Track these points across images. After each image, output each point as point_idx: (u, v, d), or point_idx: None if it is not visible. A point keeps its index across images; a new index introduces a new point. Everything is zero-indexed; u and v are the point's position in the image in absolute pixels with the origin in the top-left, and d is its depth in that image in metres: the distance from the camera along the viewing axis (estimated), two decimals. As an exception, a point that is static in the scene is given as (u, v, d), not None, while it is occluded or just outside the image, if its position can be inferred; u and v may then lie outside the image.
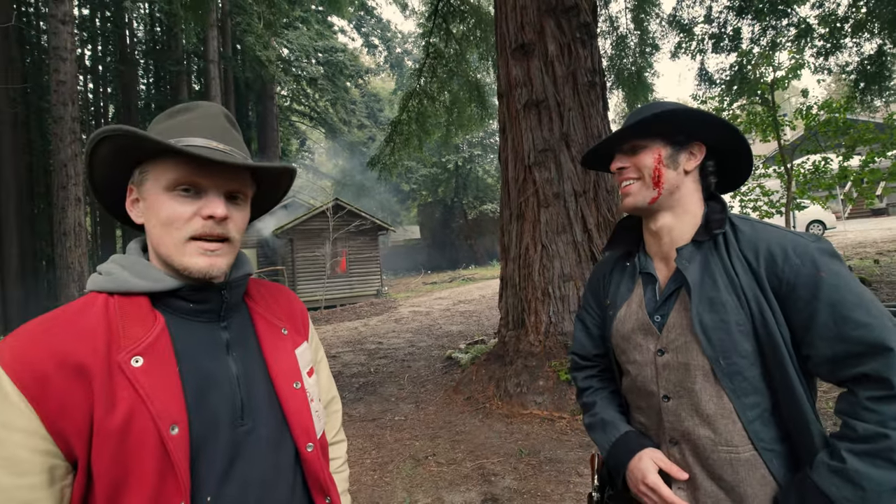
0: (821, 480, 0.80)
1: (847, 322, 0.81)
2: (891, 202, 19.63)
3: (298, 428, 0.83)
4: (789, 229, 0.95)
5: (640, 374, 1.03)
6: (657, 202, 1.00)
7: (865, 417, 0.79)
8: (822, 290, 0.84)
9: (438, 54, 9.48)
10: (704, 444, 0.93)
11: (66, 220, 11.39)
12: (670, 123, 0.98)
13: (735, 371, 0.90)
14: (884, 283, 6.90)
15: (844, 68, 9.34)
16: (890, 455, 0.75)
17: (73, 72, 11.67)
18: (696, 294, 0.93)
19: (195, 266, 0.74)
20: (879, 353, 0.79)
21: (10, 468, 0.60)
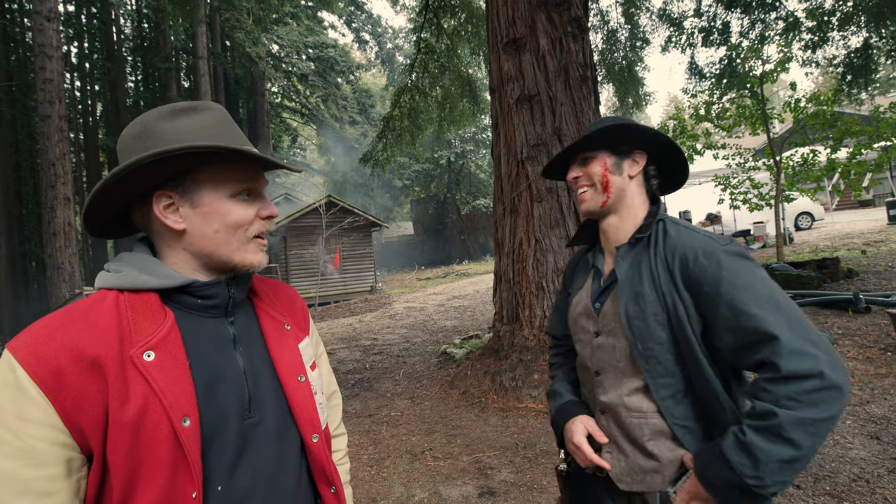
0: (726, 448, 0.92)
1: (741, 314, 0.92)
2: (877, 193, 19.88)
3: (304, 420, 0.86)
4: (709, 234, 1.07)
5: (583, 352, 1.21)
6: (607, 205, 1.15)
7: (762, 397, 0.90)
8: (722, 287, 0.95)
9: (430, 49, 9.45)
10: (621, 413, 1.10)
11: (55, 219, 11.26)
12: (612, 136, 1.13)
13: (650, 355, 1.04)
14: (870, 274, 7.00)
15: (832, 61, 9.43)
16: (779, 431, 0.85)
17: (59, 69, 11.51)
18: (624, 287, 1.09)
19: (256, 261, 0.83)
20: (767, 340, 0.89)
21: (29, 460, 0.61)
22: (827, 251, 9.84)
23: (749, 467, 0.87)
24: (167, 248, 0.81)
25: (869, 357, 4.12)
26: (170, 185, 0.77)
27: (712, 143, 9.18)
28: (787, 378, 0.87)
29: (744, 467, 0.88)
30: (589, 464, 1.13)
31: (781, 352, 0.88)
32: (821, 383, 0.85)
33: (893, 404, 3.29)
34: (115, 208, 0.80)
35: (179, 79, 22.85)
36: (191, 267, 0.81)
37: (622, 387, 1.10)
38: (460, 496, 3.02)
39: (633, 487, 1.09)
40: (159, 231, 0.80)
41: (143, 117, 0.78)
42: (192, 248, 0.80)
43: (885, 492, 2.40)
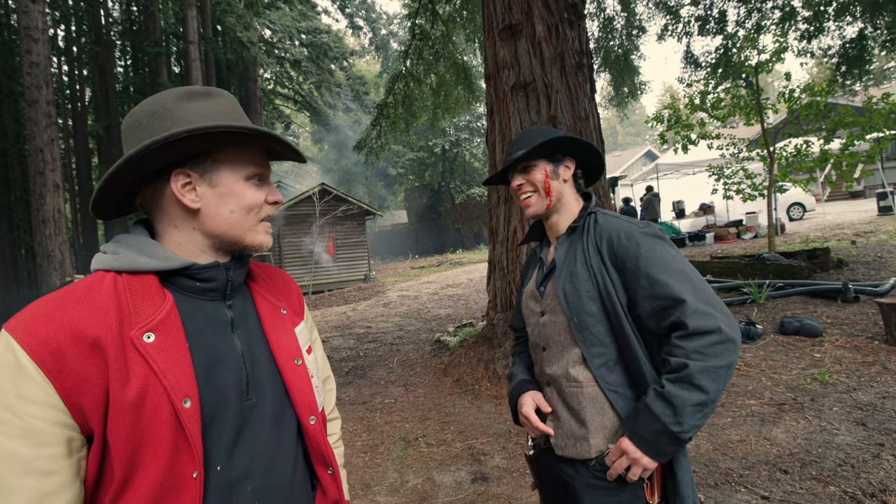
0: (649, 401, 1.06)
1: (655, 283, 1.09)
2: (868, 185, 20.05)
3: (301, 402, 0.87)
4: (630, 220, 1.23)
5: (532, 333, 1.35)
6: (550, 207, 1.31)
7: (675, 353, 1.06)
8: (640, 262, 1.12)
9: (424, 36, 9.33)
10: (561, 383, 1.23)
11: (44, 207, 11.11)
12: (551, 147, 1.28)
13: (584, 327, 1.18)
14: (860, 264, 7.09)
15: (826, 52, 9.44)
16: (690, 379, 1.02)
17: (46, 53, 11.26)
18: (560, 268, 1.24)
19: (264, 242, 0.87)
20: (677, 303, 1.06)
21: (30, 439, 0.62)
22: (817, 241, 9.93)
23: (669, 415, 1.02)
24: (174, 229, 0.81)
25: (856, 346, 4.19)
26: (189, 163, 0.78)
27: (707, 133, 9.19)
28: (693, 334, 1.04)
29: (665, 415, 1.02)
30: (536, 433, 1.27)
31: (687, 312, 1.05)
32: (720, 337, 1.03)
33: (879, 392, 3.35)
34: (127, 185, 0.80)
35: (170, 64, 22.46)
36: (196, 247, 0.82)
37: (563, 359, 1.24)
38: (453, 481, 3.06)
39: (565, 453, 1.21)
40: (169, 210, 0.80)
41: (159, 97, 0.79)
42: (204, 228, 0.81)
43: (870, 476, 2.45)
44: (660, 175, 16.57)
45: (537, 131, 1.33)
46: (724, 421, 3.28)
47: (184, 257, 0.80)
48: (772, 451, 2.83)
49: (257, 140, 0.81)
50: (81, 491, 0.66)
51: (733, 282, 6.49)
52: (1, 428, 0.61)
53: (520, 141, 1.34)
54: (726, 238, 12.96)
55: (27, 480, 0.60)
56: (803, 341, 4.48)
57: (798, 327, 4.63)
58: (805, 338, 4.53)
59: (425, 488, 3.02)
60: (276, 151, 0.89)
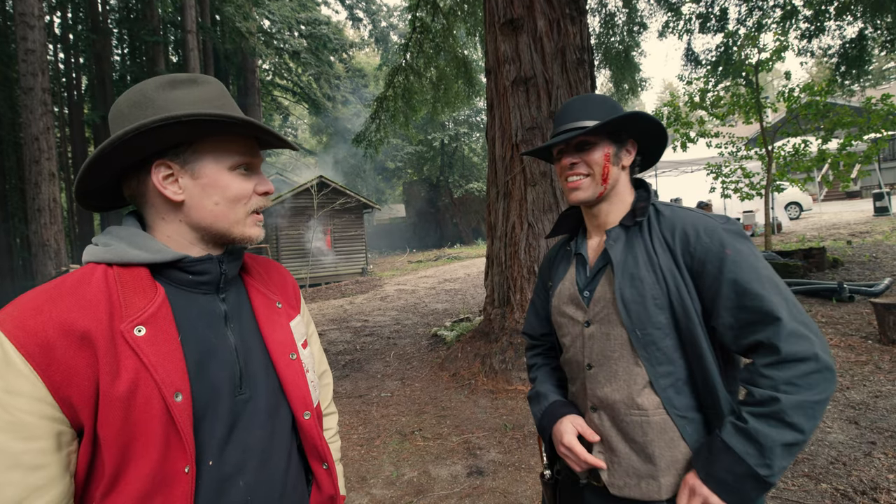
0: (728, 437, 0.90)
1: (746, 294, 0.91)
2: (865, 185, 20.13)
3: (296, 397, 0.86)
4: (703, 212, 1.05)
5: (573, 346, 1.13)
6: (602, 195, 1.10)
7: (761, 383, 0.90)
8: (726, 266, 0.94)
9: (425, 29, 9.28)
10: (619, 409, 1.02)
11: (39, 195, 11.03)
12: (619, 125, 1.06)
13: (650, 341, 0.99)
14: (855, 264, 7.12)
15: (826, 51, 9.43)
16: (781, 416, 0.85)
17: (41, 40, 11.14)
18: (619, 270, 1.03)
19: (254, 235, 0.84)
20: (770, 321, 0.89)
21: (18, 433, 0.61)
22: (814, 241, 9.98)
23: (755, 455, 0.86)
24: (161, 221, 0.79)
25: (850, 345, 4.22)
26: (170, 154, 0.76)
27: (706, 131, 9.20)
28: (786, 361, 0.87)
29: (749, 456, 0.87)
30: (582, 466, 1.06)
31: (781, 333, 0.88)
32: (816, 365, 0.86)
33: (872, 390, 3.38)
34: (108, 177, 0.78)
35: (167, 53, 22.27)
36: (186, 240, 0.80)
37: (619, 380, 1.03)
38: (449, 475, 3.07)
39: (625, 493, 1.01)
40: (154, 202, 0.79)
41: (141, 86, 0.76)
42: (190, 221, 0.79)
43: (861, 474, 2.48)
44: (658, 172, 16.58)
45: (599, 101, 1.10)
46: (719, 418, 3.31)
47: (175, 250, 0.78)
48: (765, 449, 2.85)
49: (235, 128, 0.77)
50: (71, 485, 0.66)
51: (729, 280, 6.52)
52: None
53: (576, 109, 1.10)
54: (723, 236, 12.97)
55: (15, 475, 0.60)
56: (798, 340, 4.51)
57: (793, 326, 4.66)
58: (800, 337, 4.56)
59: (421, 481, 3.03)
60: (266, 140, 0.86)
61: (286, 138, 0.83)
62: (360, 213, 17.89)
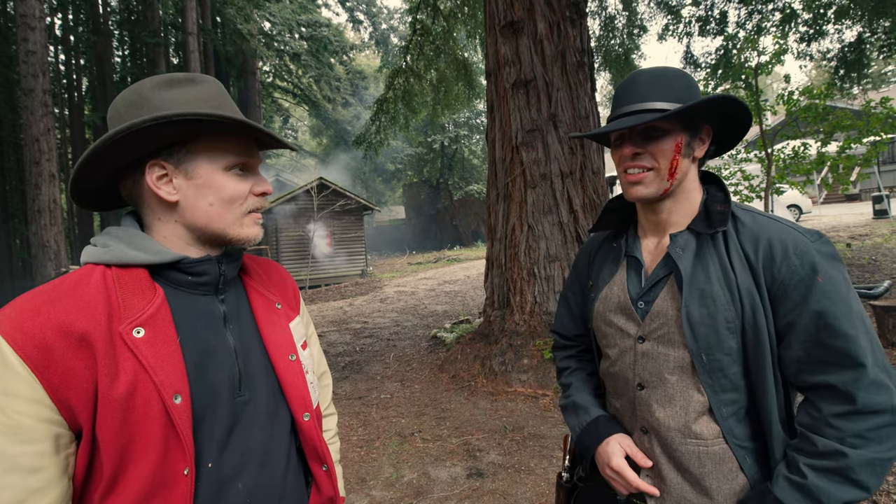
0: (782, 494, 0.81)
1: (830, 330, 0.80)
2: (864, 188, 20.15)
3: (295, 398, 0.86)
4: (792, 223, 0.90)
5: (620, 360, 1.01)
6: (668, 192, 0.94)
7: (826, 433, 0.80)
8: (813, 295, 0.82)
9: (425, 31, 9.30)
10: (673, 437, 0.92)
11: (40, 197, 11.03)
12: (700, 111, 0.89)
13: (716, 368, 0.88)
14: (854, 267, 7.13)
15: (825, 55, 9.46)
16: (847, 473, 0.77)
17: (42, 41, 11.17)
18: (687, 285, 0.89)
19: (252, 234, 0.82)
20: (852, 366, 0.79)
21: (16, 436, 0.60)
22: (813, 244, 9.97)
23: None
24: (157, 222, 0.79)
25: (850, 347, 4.22)
26: (164, 154, 0.75)
27: (705, 134, 9.21)
28: (860, 412, 0.78)
29: None
30: (631, 490, 0.97)
31: (863, 382, 0.78)
32: (891, 419, 0.78)
33: (872, 393, 3.38)
34: (103, 177, 0.78)
35: (168, 55, 22.30)
36: (183, 241, 0.79)
37: (676, 405, 0.92)
38: (449, 477, 3.07)
39: None
40: (150, 203, 0.78)
41: (138, 86, 0.76)
42: (185, 221, 0.78)
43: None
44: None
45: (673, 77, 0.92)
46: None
47: (174, 251, 0.78)
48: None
49: (230, 128, 0.76)
50: (69, 488, 0.65)
51: (729, 282, 6.52)
52: None
53: (645, 86, 0.91)
54: (723, 239, 12.99)
55: (12, 478, 0.59)
56: (797, 342, 4.51)
57: (793, 329, 4.66)
58: (799, 339, 4.57)
59: (421, 483, 3.03)
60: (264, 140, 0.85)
61: (283, 138, 0.82)
62: (360, 215, 17.89)
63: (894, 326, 4.05)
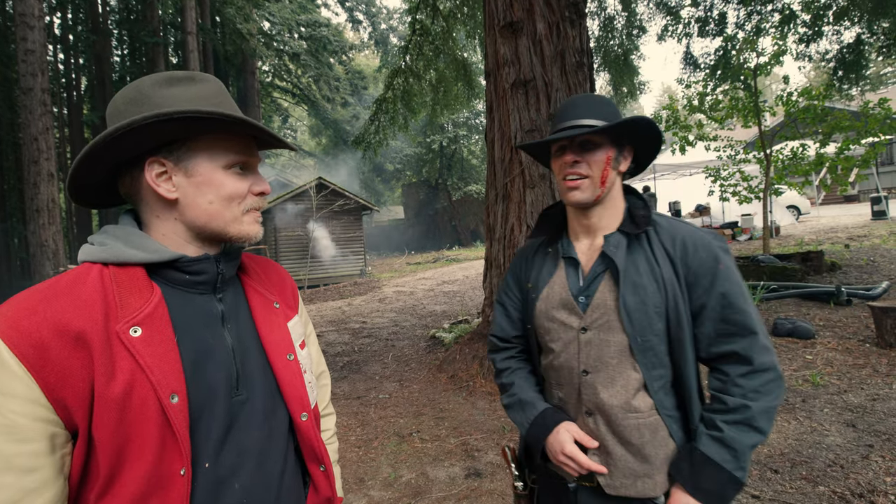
0: (705, 448, 0.98)
1: (731, 307, 1.00)
2: (862, 189, 20.18)
3: (293, 398, 0.85)
4: (695, 227, 1.10)
5: (564, 352, 1.11)
6: (599, 199, 1.09)
7: (733, 392, 0.99)
8: (718, 280, 1.02)
9: (425, 31, 9.30)
10: (616, 413, 1.05)
11: (38, 196, 11.02)
12: (628, 129, 1.07)
13: (648, 347, 1.03)
14: (852, 268, 7.14)
15: (824, 56, 9.47)
16: (751, 422, 0.96)
17: (41, 40, 11.15)
18: (623, 278, 1.04)
19: (252, 233, 0.83)
20: (748, 335, 0.99)
21: (11, 435, 0.60)
22: (812, 244, 10.00)
23: (731, 461, 0.96)
24: (156, 220, 0.78)
25: (848, 348, 4.22)
26: (163, 151, 0.75)
27: (704, 135, 9.23)
28: (756, 371, 0.98)
29: (727, 462, 0.96)
30: (583, 472, 1.07)
31: (756, 346, 0.99)
32: (775, 374, 0.99)
33: (870, 394, 3.38)
34: (102, 173, 0.78)
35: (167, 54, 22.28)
36: (181, 239, 0.79)
37: (617, 385, 1.05)
38: (447, 477, 3.07)
39: (621, 492, 1.05)
40: (149, 201, 0.78)
41: (138, 83, 0.76)
42: (184, 219, 0.78)
43: (859, 477, 2.48)
44: (657, 176, 16.62)
45: (604, 102, 1.10)
46: (716, 421, 3.31)
47: (172, 249, 0.77)
48: (763, 451, 2.85)
49: (230, 126, 0.76)
50: (65, 488, 0.65)
51: (728, 283, 6.53)
52: None
53: (581, 107, 1.09)
54: (721, 239, 13.01)
55: (8, 477, 0.59)
56: (796, 343, 4.51)
57: (791, 329, 4.67)
58: (797, 339, 4.57)
59: (419, 483, 3.03)
60: (263, 140, 0.85)
61: (282, 138, 0.82)
62: (359, 215, 17.89)
63: (892, 327, 4.06)
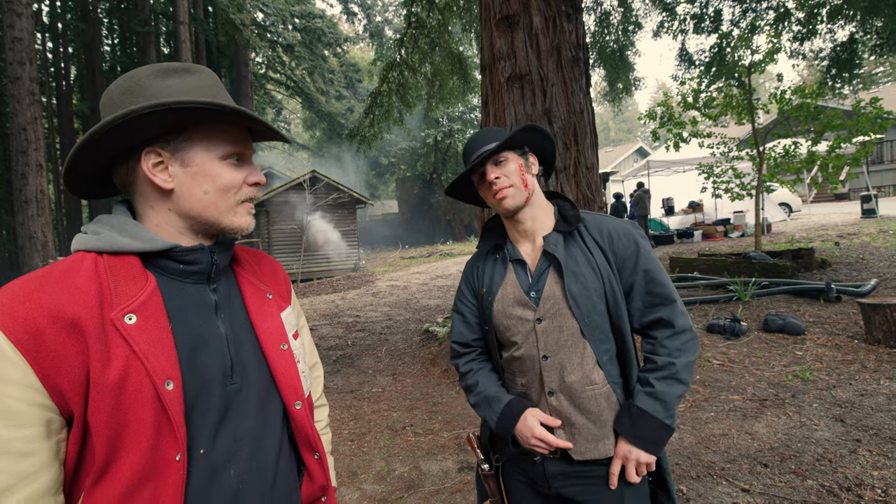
0: (640, 402, 1.16)
1: (653, 282, 1.20)
2: (853, 188, 20.39)
3: (287, 387, 0.86)
4: (614, 217, 1.28)
5: (525, 342, 1.24)
6: (528, 201, 1.25)
7: (660, 352, 1.19)
8: (640, 261, 1.20)
9: (420, 24, 9.23)
10: (576, 387, 1.19)
11: (27, 187, 10.86)
12: (523, 139, 1.25)
13: (595, 326, 1.19)
14: (842, 265, 7.22)
15: (818, 54, 9.52)
16: (676, 375, 1.15)
17: (29, 28, 10.94)
18: (566, 270, 1.19)
19: (245, 224, 0.83)
20: (670, 303, 1.19)
21: (7, 420, 0.60)
22: (802, 242, 10.10)
23: (662, 411, 1.14)
24: (150, 210, 0.79)
25: (837, 344, 4.27)
26: (160, 142, 0.75)
27: (698, 132, 9.26)
28: (677, 333, 1.18)
29: (659, 413, 1.14)
30: (552, 449, 1.19)
31: (676, 312, 1.19)
32: (692, 334, 1.20)
33: (858, 389, 3.43)
34: (98, 163, 0.77)
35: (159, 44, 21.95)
36: (175, 229, 0.79)
37: (574, 363, 1.20)
38: (440, 470, 3.07)
39: (587, 456, 1.19)
40: (144, 191, 0.78)
41: (133, 73, 0.76)
42: (179, 210, 0.78)
43: (846, 470, 2.52)
44: (651, 172, 16.68)
45: (496, 130, 1.29)
46: (708, 415, 3.34)
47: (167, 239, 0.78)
48: (753, 445, 2.88)
49: (227, 117, 0.77)
50: (61, 472, 0.65)
51: (720, 279, 6.58)
52: None
53: (480, 138, 1.27)
54: (714, 236, 13.12)
55: (4, 462, 0.59)
56: (786, 339, 4.56)
57: (781, 325, 4.71)
58: (788, 335, 4.62)
59: (412, 476, 3.03)
60: (258, 131, 0.85)
61: (277, 129, 0.83)
62: (353, 209, 17.82)
63: (880, 323, 4.11)
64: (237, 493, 0.76)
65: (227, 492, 0.75)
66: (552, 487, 1.24)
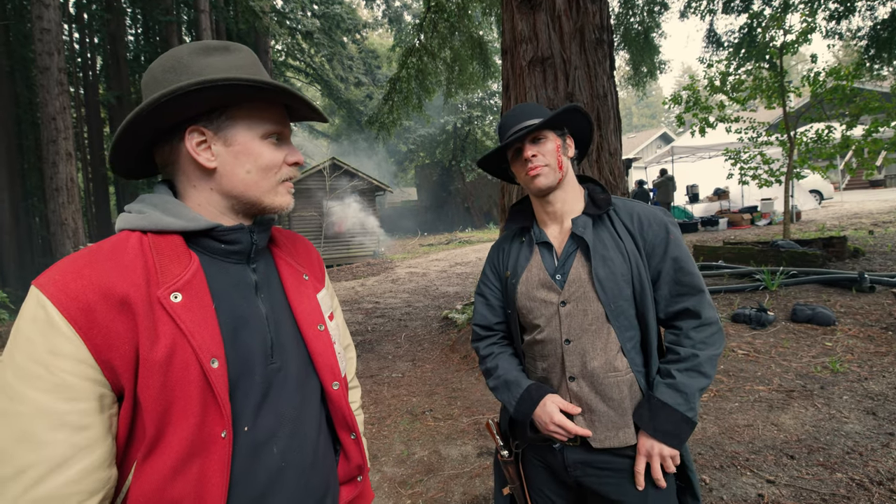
0: (660, 394, 1.13)
1: (681, 271, 1.17)
2: (889, 174, 19.57)
3: (325, 367, 0.87)
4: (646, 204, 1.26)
5: (548, 326, 1.23)
6: (561, 182, 1.23)
7: (685, 343, 1.16)
8: (669, 248, 1.18)
9: (440, 8, 9.11)
10: (598, 373, 1.17)
11: (57, 175, 11.17)
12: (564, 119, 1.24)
13: (620, 312, 1.17)
14: (877, 254, 6.97)
15: (856, 33, 9.09)
16: (699, 368, 1.12)
17: (57, 19, 11.16)
18: (593, 253, 1.18)
19: (285, 203, 0.84)
20: (698, 293, 1.17)
21: (63, 393, 0.62)
22: (834, 230, 9.77)
23: (683, 403, 1.11)
24: (192, 189, 0.79)
25: (870, 335, 4.14)
26: (203, 120, 0.75)
27: (725, 116, 8.97)
28: (704, 324, 1.15)
29: (680, 405, 1.11)
30: (570, 436, 1.17)
31: (704, 303, 1.16)
32: (718, 327, 1.17)
33: (892, 382, 3.32)
34: (142, 141, 0.78)
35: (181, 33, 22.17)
36: (216, 209, 0.80)
37: (597, 348, 1.18)
38: (459, 455, 3.10)
39: (606, 444, 1.17)
40: (186, 170, 0.79)
41: (175, 52, 0.76)
42: (221, 189, 0.79)
43: (878, 464, 2.45)
44: (675, 158, 16.27)
45: (536, 107, 1.28)
46: (732, 405, 3.28)
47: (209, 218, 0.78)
48: (779, 437, 2.83)
49: (273, 95, 0.77)
50: (114, 446, 0.67)
51: (745, 268, 6.42)
52: (34, 382, 0.61)
53: (519, 114, 1.25)
54: (740, 224, 12.78)
55: (61, 434, 0.61)
56: (815, 329, 4.44)
57: (810, 315, 4.58)
58: (817, 326, 4.49)
59: (431, 461, 3.07)
60: (295, 111, 0.85)
61: (317, 107, 0.82)
62: (373, 196, 17.89)
63: (917, 314, 3.96)
64: (280, 469, 0.78)
65: (270, 469, 0.77)
66: (571, 476, 1.22)
